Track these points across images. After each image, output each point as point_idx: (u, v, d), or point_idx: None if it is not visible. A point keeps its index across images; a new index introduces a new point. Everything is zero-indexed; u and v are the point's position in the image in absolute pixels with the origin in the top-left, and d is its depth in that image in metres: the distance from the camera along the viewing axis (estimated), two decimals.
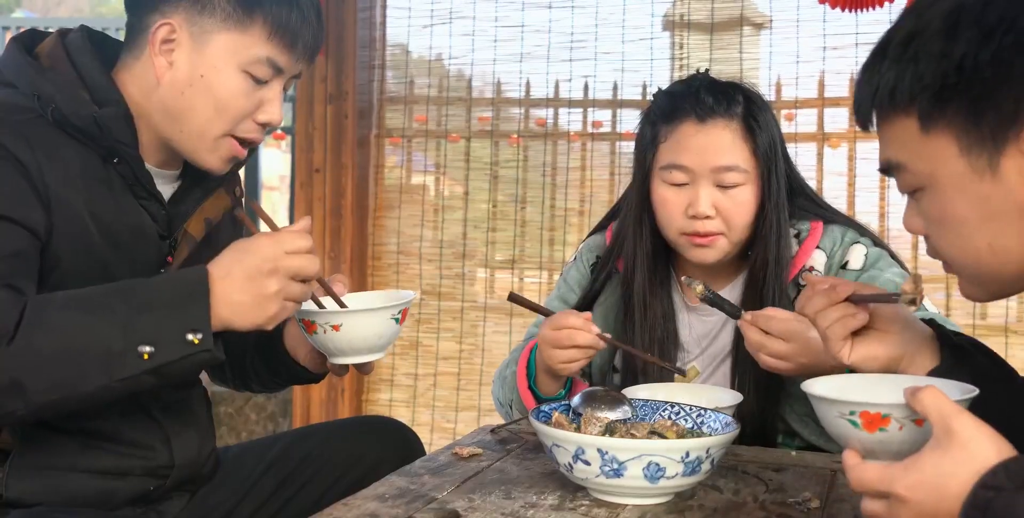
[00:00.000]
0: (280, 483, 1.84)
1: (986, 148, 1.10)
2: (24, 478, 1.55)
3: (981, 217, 1.13)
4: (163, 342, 1.35)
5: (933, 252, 1.25)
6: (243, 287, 1.40)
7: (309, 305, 1.58)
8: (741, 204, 1.87)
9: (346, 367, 1.67)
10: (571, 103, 4.06)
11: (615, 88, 3.99)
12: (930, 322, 1.44)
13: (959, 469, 0.98)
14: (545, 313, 1.84)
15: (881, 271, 1.87)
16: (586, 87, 4.03)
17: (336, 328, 1.55)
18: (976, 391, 1.21)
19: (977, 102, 1.09)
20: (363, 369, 1.68)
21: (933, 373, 1.35)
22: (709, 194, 1.85)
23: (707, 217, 1.85)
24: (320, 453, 1.86)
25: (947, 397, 1.05)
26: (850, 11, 3.35)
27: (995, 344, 2.98)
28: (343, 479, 1.79)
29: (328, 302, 1.60)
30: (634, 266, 1.97)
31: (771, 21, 3.81)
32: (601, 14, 3.96)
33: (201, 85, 1.58)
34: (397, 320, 1.60)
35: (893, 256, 1.94)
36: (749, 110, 1.88)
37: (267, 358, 1.82)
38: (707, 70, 2.02)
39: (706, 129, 1.86)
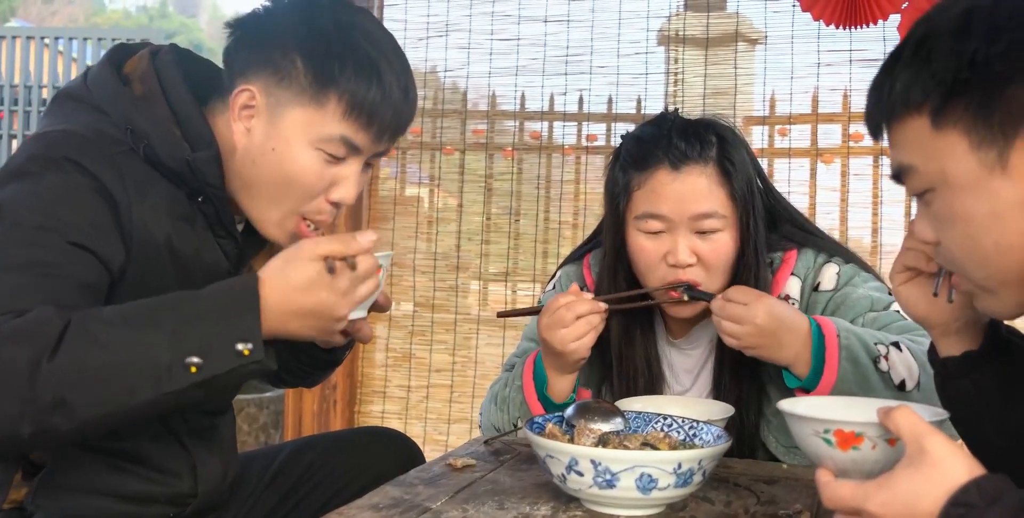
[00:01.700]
0: (284, 495, 1.84)
1: (996, 143, 1.11)
2: (50, 496, 1.54)
3: (989, 214, 1.14)
4: (212, 354, 1.29)
5: (945, 261, 1.25)
6: (315, 324, 1.38)
7: None
8: (720, 249, 1.83)
9: (342, 334, 1.64)
10: (566, 116, 4.07)
11: (610, 102, 4.01)
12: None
13: (931, 487, 0.99)
14: (538, 311, 1.85)
15: (855, 287, 1.87)
16: (581, 101, 4.04)
17: None
18: (947, 415, 1.23)
19: (988, 97, 1.11)
20: (357, 335, 1.63)
21: (967, 356, 1.37)
22: (688, 242, 1.82)
23: (688, 265, 1.83)
24: (323, 464, 1.86)
25: (920, 417, 1.07)
26: (844, 28, 3.37)
27: None
28: (346, 490, 1.79)
29: None
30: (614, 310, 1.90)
31: (766, 37, 3.82)
32: (597, 28, 3.98)
33: (272, 158, 1.53)
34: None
35: (869, 270, 1.92)
36: (723, 151, 1.84)
37: (288, 343, 1.81)
38: (676, 109, 1.96)
39: (681, 177, 1.81)
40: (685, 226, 1.82)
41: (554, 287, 2.13)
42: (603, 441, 1.50)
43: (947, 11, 1.16)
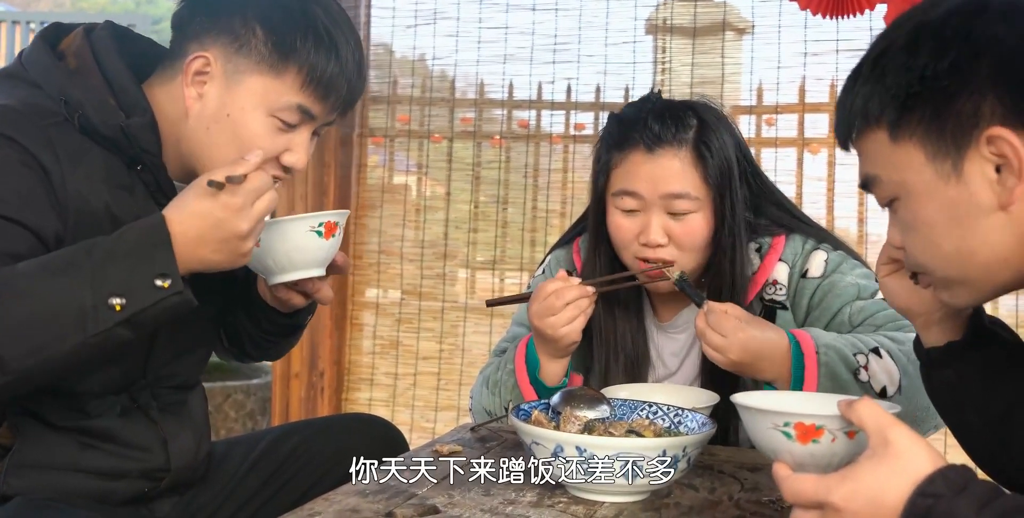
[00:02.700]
0: (266, 480, 1.85)
1: (950, 153, 1.15)
2: (22, 475, 1.55)
3: (948, 221, 1.17)
4: (133, 291, 1.34)
5: (912, 264, 1.28)
6: (219, 247, 1.41)
7: None
8: (693, 230, 1.85)
9: (301, 295, 1.68)
10: (553, 105, 4.08)
11: (598, 91, 4.01)
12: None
13: (896, 478, 1.00)
14: (527, 298, 1.86)
15: (843, 275, 1.88)
16: (569, 89, 4.04)
17: (257, 244, 1.53)
18: (899, 408, 1.25)
19: (938, 109, 1.15)
20: (316, 295, 1.67)
21: (949, 346, 1.39)
22: (660, 222, 1.84)
23: (659, 245, 1.85)
24: (305, 450, 1.86)
25: (882, 408, 1.08)
26: (831, 18, 3.37)
27: None
28: (328, 476, 1.79)
29: None
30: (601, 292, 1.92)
31: (753, 26, 3.83)
32: (584, 17, 3.99)
33: (227, 124, 1.55)
34: (320, 234, 1.58)
35: (857, 258, 1.94)
36: (701, 134, 1.85)
37: (248, 310, 1.82)
38: (659, 92, 1.99)
39: (655, 158, 1.84)
40: (658, 206, 1.84)
41: (543, 272, 2.15)
42: (589, 428, 1.50)
43: (900, 27, 1.20)
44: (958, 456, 1.25)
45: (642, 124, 1.86)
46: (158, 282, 1.35)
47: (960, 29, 1.15)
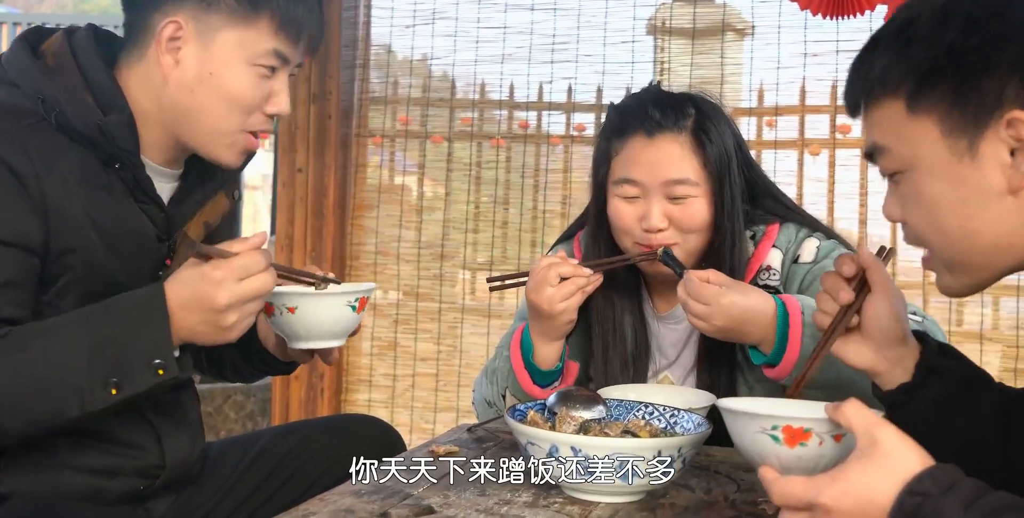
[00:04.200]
0: (262, 480, 1.84)
1: (967, 132, 1.15)
2: (17, 474, 1.55)
3: (955, 199, 1.17)
4: (129, 376, 1.40)
5: (911, 238, 1.28)
6: (202, 319, 1.43)
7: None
8: (693, 215, 1.87)
9: (309, 354, 1.70)
10: (553, 106, 4.07)
11: (598, 91, 4.01)
12: (922, 336, 1.45)
13: (885, 478, 1.00)
14: (526, 274, 1.87)
15: (833, 261, 1.88)
16: (569, 90, 4.04)
17: (292, 310, 1.57)
18: (883, 412, 1.25)
19: (962, 86, 1.15)
20: (325, 358, 1.70)
21: (902, 388, 1.38)
22: (661, 207, 1.87)
23: (659, 230, 1.87)
24: (302, 450, 1.86)
25: (869, 409, 1.08)
26: (831, 19, 3.37)
27: (970, 351, 3.02)
28: (324, 476, 1.79)
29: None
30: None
31: (753, 27, 3.82)
32: (583, 17, 3.97)
33: (211, 82, 1.58)
34: (354, 308, 1.62)
35: (848, 247, 1.95)
36: (700, 123, 1.89)
37: (241, 347, 1.83)
38: (658, 82, 2.03)
39: (655, 143, 1.87)
40: (658, 192, 1.87)
41: None
42: (584, 428, 1.50)
43: (928, 1, 1.19)
44: None
45: (642, 111, 1.90)
46: (156, 362, 1.40)
47: (994, 10, 1.15)
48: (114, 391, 1.38)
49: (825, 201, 3.76)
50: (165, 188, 1.68)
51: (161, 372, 1.40)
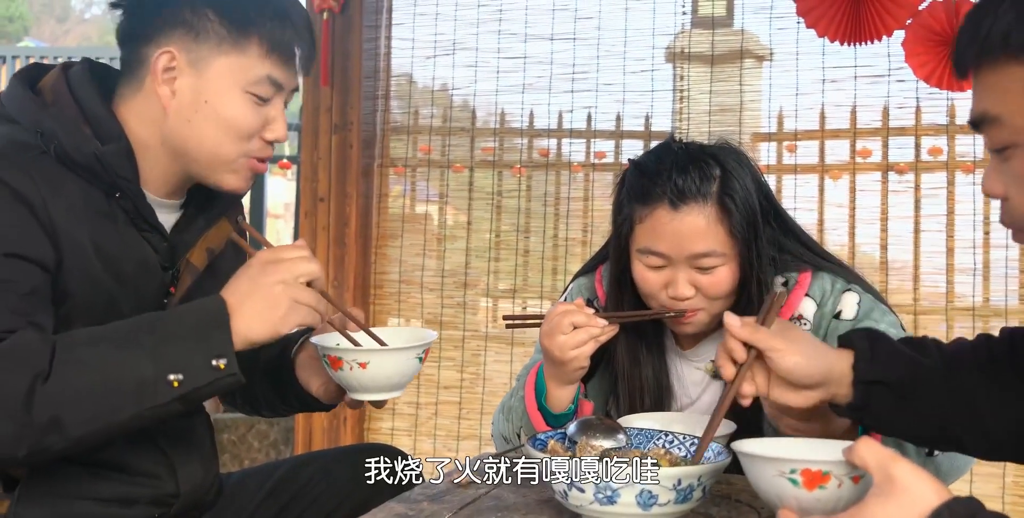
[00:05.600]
0: (280, 510, 1.85)
1: None
2: (32, 506, 1.56)
3: None
4: (191, 369, 1.40)
5: (1007, 218, 1.19)
6: (253, 298, 1.46)
7: (339, 340, 1.63)
8: (720, 283, 1.85)
9: (361, 402, 1.69)
10: (573, 133, 4.09)
11: (618, 119, 4.02)
12: (850, 342, 1.47)
13: (903, 513, 1.00)
14: (543, 316, 1.87)
15: (876, 322, 1.86)
16: (589, 118, 4.05)
17: (363, 366, 1.58)
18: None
19: None
20: (378, 404, 1.70)
21: (851, 406, 1.40)
22: (687, 276, 1.84)
23: (686, 298, 1.85)
24: (320, 480, 1.87)
25: (881, 446, 1.08)
26: (849, 44, 3.39)
27: None
28: (343, 506, 1.79)
29: (362, 338, 1.65)
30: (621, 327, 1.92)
31: (771, 54, 3.84)
32: (603, 46, 4.00)
33: (207, 111, 1.60)
34: (420, 359, 1.65)
35: (884, 303, 1.93)
36: (725, 185, 1.83)
37: (277, 385, 1.83)
38: (680, 138, 1.96)
39: (679, 216, 1.82)
40: (684, 262, 1.84)
41: (565, 299, 2.15)
42: (604, 457, 1.50)
43: None
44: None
45: (666, 177, 1.84)
46: (215, 362, 1.41)
47: None
48: (176, 384, 1.39)
49: (846, 226, 3.76)
50: (168, 219, 1.70)
51: (222, 366, 1.41)
